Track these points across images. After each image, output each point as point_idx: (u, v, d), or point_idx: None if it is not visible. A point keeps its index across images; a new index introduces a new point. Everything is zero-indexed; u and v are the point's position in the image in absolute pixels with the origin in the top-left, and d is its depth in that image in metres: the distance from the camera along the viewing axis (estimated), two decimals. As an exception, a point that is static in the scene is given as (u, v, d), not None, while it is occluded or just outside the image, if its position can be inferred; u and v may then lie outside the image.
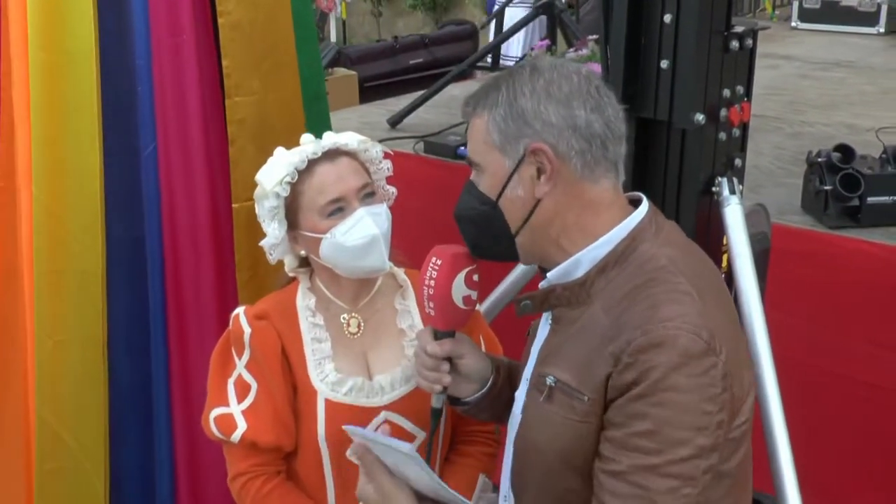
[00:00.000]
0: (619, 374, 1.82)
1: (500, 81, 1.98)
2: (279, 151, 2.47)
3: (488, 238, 2.03)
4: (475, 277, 2.15)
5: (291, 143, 2.49)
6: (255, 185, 2.59)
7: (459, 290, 2.13)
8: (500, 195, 1.97)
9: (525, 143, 1.92)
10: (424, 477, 2.01)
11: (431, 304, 2.15)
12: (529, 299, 2.04)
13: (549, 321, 2.05)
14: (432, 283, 2.13)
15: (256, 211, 2.49)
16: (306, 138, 2.48)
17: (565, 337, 1.97)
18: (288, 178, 2.40)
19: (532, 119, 1.91)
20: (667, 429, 1.77)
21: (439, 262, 2.13)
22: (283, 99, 3.15)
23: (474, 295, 2.17)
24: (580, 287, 1.94)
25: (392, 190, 2.60)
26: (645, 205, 2.01)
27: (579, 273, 1.95)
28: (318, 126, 2.94)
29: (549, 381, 1.95)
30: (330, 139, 2.47)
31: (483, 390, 2.24)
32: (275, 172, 2.41)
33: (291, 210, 2.43)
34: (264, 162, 2.71)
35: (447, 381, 2.18)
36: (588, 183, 1.94)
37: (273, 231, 2.45)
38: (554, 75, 1.95)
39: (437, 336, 2.18)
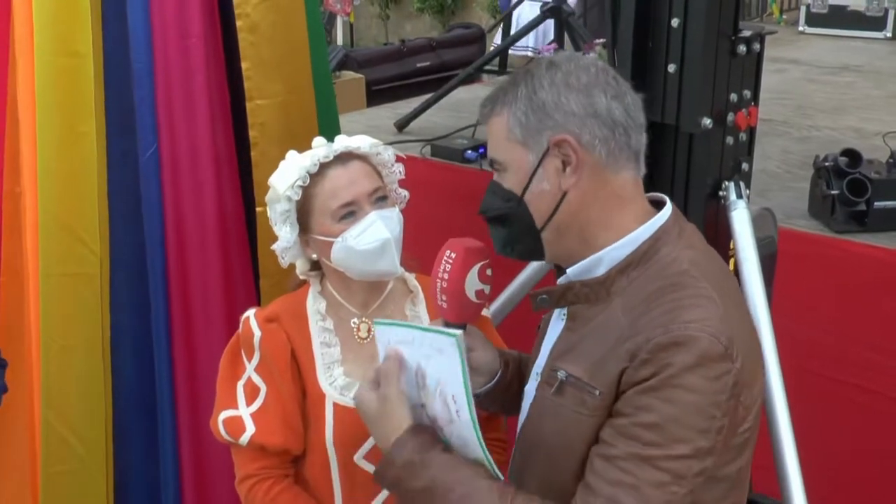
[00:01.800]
0: (634, 370, 1.82)
1: (517, 79, 1.98)
2: (291, 155, 2.47)
3: (514, 235, 2.03)
4: (488, 272, 2.15)
5: (310, 146, 2.50)
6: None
7: (473, 283, 2.13)
8: (525, 190, 1.97)
9: (548, 135, 1.92)
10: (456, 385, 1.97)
11: (444, 297, 2.15)
12: (547, 294, 2.04)
13: (564, 318, 2.05)
14: (446, 276, 2.13)
15: (268, 214, 2.49)
16: (318, 142, 2.48)
17: (581, 335, 1.97)
18: (299, 182, 2.40)
19: (553, 110, 1.92)
20: (670, 425, 1.79)
21: (453, 255, 2.14)
22: (302, 102, 3.16)
23: (487, 289, 2.17)
24: (600, 285, 1.94)
25: (404, 193, 2.60)
26: (669, 206, 2.01)
27: (600, 271, 1.96)
28: (328, 129, 2.95)
29: (561, 375, 1.95)
30: (342, 142, 2.47)
31: (492, 382, 2.25)
32: (286, 176, 2.42)
33: (303, 214, 2.44)
34: None
35: None
36: (611, 173, 1.94)
37: (285, 234, 2.46)
38: (571, 66, 1.95)
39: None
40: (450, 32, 11.61)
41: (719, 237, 2.71)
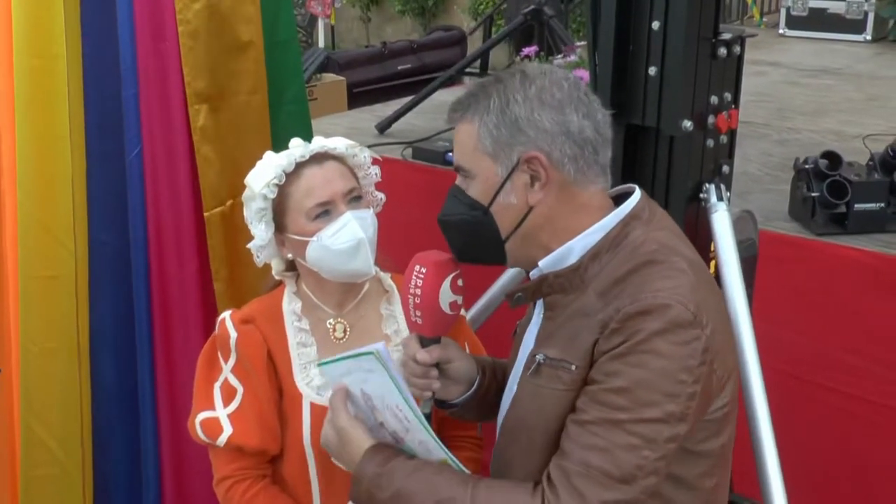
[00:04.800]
0: (605, 340, 1.85)
1: (489, 87, 1.98)
2: (268, 154, 2.47)
3: (476, 243, 2.04)
4: (460, 282, 2.14)
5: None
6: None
7: (446, 296, 2.12)
8: (491, 202, 1.97)
9: (519, 150, 1.92)
10: (394, 398, 2.03)
11: (418, 313, 2.13)
12: (522, 291, 2.05)
13: (542, 310, 2.05)
14: (418, 291, 2.11)
15: (244, 213, 2.49)
16: (295, 142, 2.48)
17: (559, 322, 1.98)
18: (275, 180, 2.41)
19: (525, 126, 1.92)
20: (639, 389, 1.81)
21: (424, 269, 2.11)
22: (242, 106, 3.12)
23: (460, 300, 2.16)
24: (574, 272, 1.95)
25: (380, 196, 2.60)
26: (637, 193, 2.03)
27: (572, 260, 1.96)
28: (298, 129, 2.93)
29: (539, 358, 1.97)
30: (318, 143, 2.48)
31: (470, 391, 2.24)
32: (263, 174, 2.42)
33: (279, 212, 2.44)
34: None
35: (437, 387, 2.18)
36: (579, 188, 1.96)
37: (260, 233, 2.46)
38: (545, 82, 1.96)
39: (424, 343, 2.17)
40: (431, 35, 11.60)
41: (700, 239, 2.71)
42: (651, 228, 1.97)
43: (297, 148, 2.45)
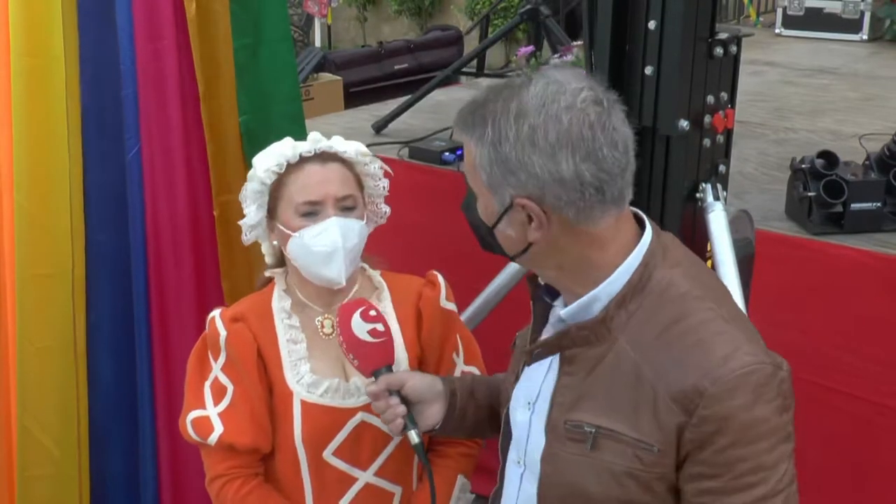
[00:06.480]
0: (696, 427, 1.76)
1: (486, 112, 1.82)
2: (284, 141, 2.47)
3: (489, 248, 2.02)
4: (371, 312, 2.26)
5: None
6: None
7: (361, 327, 2.23)
8: (493, 226, 1.88)
9: (510, 192, 1.80)
10: None
11: (351, 355, 2.24)
12: (542, 347, 1.96)
13: (559, 366, 1.93)
14: (340, 337, 2.24)
15: (241, 192, 2.50)
16: (313, 136, 2.46)
17: (588, 380, 1.88)
18: (275, 168, 2.41)
19: (516, 168, 1.78)
20: (764, 457, 1.76)
21: (336, 318, 2.28)
22: (215, 108, 3.13)
23: (380, 326, 2.25)
24: (600, 324, 1.85)
25: (385, 210, 2.58)
26: (649, 228, 1.92)
27: (596, 309, 1.86)
28: (291, 129, 2.93)
29: (589, 429, 1.85)
30: (330, 141, 2.46)
31: (440, 422, 2.25)
32: (267, 159, 2.43)
33: (273, 199, 2.44)
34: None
35: (403, 411, 2.20)
36: (585, 226, 1.82)
37: (251, 213, 2.47)
38: (540, 119, 1.77)
39: (376, 377, 2.24)
40: (427, 35, 11.61)
41: (696, 239, 2.72)
42: (668, 264, 1.88)
43: (307, 142, 2.44)
